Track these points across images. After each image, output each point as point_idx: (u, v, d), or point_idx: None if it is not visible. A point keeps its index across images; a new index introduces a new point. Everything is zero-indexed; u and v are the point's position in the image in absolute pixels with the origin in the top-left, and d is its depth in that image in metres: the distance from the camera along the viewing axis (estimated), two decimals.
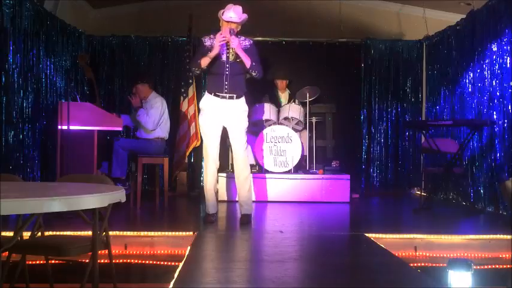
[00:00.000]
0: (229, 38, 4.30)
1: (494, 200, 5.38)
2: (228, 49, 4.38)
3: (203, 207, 6.12)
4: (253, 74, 4.47)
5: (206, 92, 4.52)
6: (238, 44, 4.34)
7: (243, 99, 4.53)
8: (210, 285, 2.65)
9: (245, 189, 4.55)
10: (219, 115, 4.45)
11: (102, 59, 7.38)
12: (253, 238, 4.17)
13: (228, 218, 5.07)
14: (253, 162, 6.33)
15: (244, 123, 4.54)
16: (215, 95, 4.43)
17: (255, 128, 6.53)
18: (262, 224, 4.62)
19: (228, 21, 4.38)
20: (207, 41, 4.46)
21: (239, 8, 4.40)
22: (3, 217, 1.85)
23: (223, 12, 4.41)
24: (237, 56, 4.39)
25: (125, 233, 3.86)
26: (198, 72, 4.49)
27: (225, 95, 4.42)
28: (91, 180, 2.91)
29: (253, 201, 4.83)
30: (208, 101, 4.48)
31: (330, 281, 2.82)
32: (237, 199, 4.74)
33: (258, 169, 6.37)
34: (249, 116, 4.67)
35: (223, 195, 6.13)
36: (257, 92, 6.57)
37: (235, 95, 4.45)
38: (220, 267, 3.06)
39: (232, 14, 4.37)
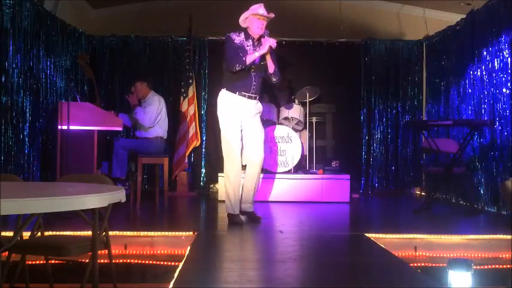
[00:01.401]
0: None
1: (494, 200, 5.38)
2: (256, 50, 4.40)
3: (203, 207, 6.15)
4: (274, 79, 4.53)
5: (228, 91, 4.44)
6: (274, 45, 4.36)
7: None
8: (210, 285, 2.65)
9: (255, 188, 4.58)
10: (242, 114, 4.45)
11: (102, 59, 7.38)
12: (253, 238, 4.17)
13: (227, 218, 5.06)
14: None
15: (261, 122, 4.61)
16: (241, 94, 4.41)
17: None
18: (262, 224, 4.62)
19: (264, 17, 4.37)
20: (236, 38, 4.41)
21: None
22: (3, 217, 1.85)
23: (256, 9, 4.38)
24: (262, 58, 4.40)
25: (124, 233, 3.86)
26: (238, 69, 4.31)
27: (251, 95, 4.44)
28: (91, 180, 2.90)
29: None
30: (232, 99, 4.42)
31: (330, 281, 2.82)
32: (241, 197, 4.66)
33: None
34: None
35: (222, 195, 6.15)
36: None
37: (257, 96, 4.51)
38: (220, 267, 3.06)
39: (264, 11, 4.38)
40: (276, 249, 3.77)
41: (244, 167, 4.59)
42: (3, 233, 2.65)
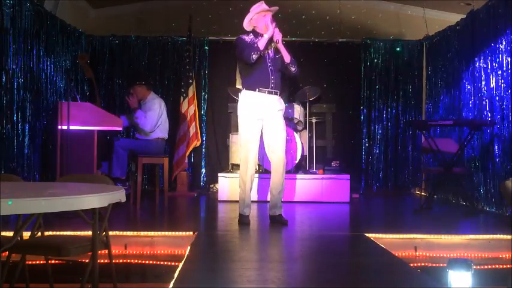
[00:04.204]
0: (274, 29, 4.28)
1: (494, 200, 5.38)
2: (270, 43, 4.35)
3: (203, 207, 6.15)
4: (292, 69, 4.46)
5: (246, 90, 4.40)
6: (281, 37, 4.31)
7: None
8: (210, 285, 2.65)
9: (281, 190, 4.51)
10: (262, 111, 4.37)
11: (102, 59, 7.37)
12: (253, 238, 4.18)
13: (227, 218, 5.07)
14: None
15: (284, 120, 4.54)
16: (260, 90, 4.34)
17: None
18: (262, 224, 4.62)
19: (267, 11, 4.36)
20: (246, 38, 4.40)
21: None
22: (3, 217, 1.85)
23: (257, 8, 4.38)
24: (276, 50, 4.37)
25: (124, 233, 3.86)
26: (255, 57, 4.22)
27: (271, 90, 4.37)
28: (91, 180, 2.90)
29: (253, 201, 4.81)
30: (251, 97, 4.36)
31: (330, 281, 2.82)
32: (268, 199, 4.63)
33: (258, 168, 6.36)
34: None
35: (222, 195, 6.16)
36: None
37: (278, 91, 4.44)
38: (220, 267, 3.06)
39: (265, 5, 4.37)
40: (276, 249, 3.77)
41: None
42: (3, 233, 2.65)
